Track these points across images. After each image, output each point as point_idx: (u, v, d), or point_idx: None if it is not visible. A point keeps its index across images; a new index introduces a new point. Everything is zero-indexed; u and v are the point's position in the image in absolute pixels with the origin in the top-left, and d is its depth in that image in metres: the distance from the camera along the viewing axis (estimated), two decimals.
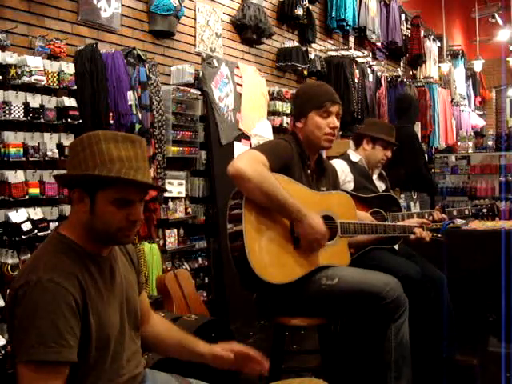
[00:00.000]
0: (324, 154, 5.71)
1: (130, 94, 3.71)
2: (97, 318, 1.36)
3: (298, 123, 2.36)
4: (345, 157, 3.18)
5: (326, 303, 2.22)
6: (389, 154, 3.20)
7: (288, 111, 5.71)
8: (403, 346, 2.38)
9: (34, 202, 3.22)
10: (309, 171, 2.34)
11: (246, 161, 2.05)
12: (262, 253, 2.08)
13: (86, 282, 1.36)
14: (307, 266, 2.19)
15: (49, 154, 3.25)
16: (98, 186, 1.37)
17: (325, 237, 2.15)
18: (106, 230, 1.40)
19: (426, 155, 5.25)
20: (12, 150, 3.08)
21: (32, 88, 3.19)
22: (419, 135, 5.28)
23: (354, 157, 3.16)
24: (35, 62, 3.17)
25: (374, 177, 3.20)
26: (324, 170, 2.44)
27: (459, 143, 7.52)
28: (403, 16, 8.68)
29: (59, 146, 3.32)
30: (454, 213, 2.98)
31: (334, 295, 2.19)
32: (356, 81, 6.65)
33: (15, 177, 3.11)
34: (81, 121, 3.41)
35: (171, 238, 4.31)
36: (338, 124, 2.35)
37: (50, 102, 3.29)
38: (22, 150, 3.12)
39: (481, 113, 12.88)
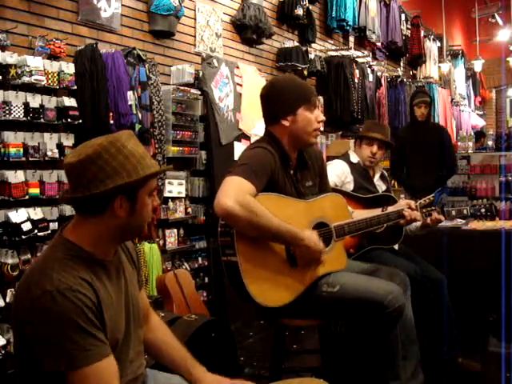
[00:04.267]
0: (324, 153, 5.72)
1: (130, 94, 3.72)
2: (109, 321, 1.38)
3: (283, 121, 2.21)
4: (345, 157, 3.18)
5: (326, 309, 2.21)
6: (374, 149, 3.10)
7: None
8: (408, 326, 2.37)
9: (33, 201, 3.22)
10: (292, 171, 2.26)
11: (232, 196, 1.93)
12: (261, 281, 2.05)
13: (98, 287, 1.37)
14: (306, 281, 2.17)
15: (49, 154, 3.25)
16: (139, 185, 1.42)
17: (321, 255, 2.13)
18: (142, 223, 1.48)
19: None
20: (12, 150, 3.08)
21: (32, 88, 3.19)
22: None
23: (354, 158, 3.16)
24: (35, 62, 3.17)
25: (376, 178, 3.20)
26: (305, 161, 2.34)
27: (459, 143, 7.50)
28: (403, 16, 8.68)
29: (59, 145, 3.32)
30: (453, 213, 2.97)
31: (334, 302, 2.18)
32: (356, 81, 6.65)
33: (15, 177, 3.11)
34: (81, 121, 3.41)
35: (171, 238, 4.31)
36: (323, 117, 2.29)
37: (50, 102, 3.29)
38: (21, 149, 3.12)
39: (481, 113, 12.88)
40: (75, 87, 3.40)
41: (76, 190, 1.39)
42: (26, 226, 3.10)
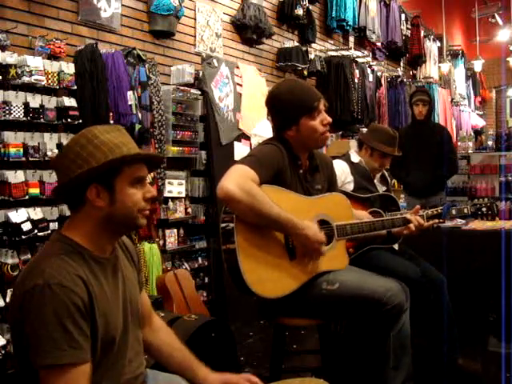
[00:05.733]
0: (324, 152, 5.71)
1: (130, 94, 3.72)
2: (103, 319, 1.37)
3: (288, 132, 2.24)
4: (346, 157, 3.16)
5: (326, 307, 2.21)
6: (386, 163, 3.12)
7: None
8: (403, 335, 2.36)
9: (33, 201, 3.23)
10: (301, 171, 2.28)
11: (234, 181, 1.96)
12: (258, 270, 2.05)
13: (92, 283, 1.36)
14: (305, 276, 2.17)
15: (49, 154, 3.25)
16: (113, 172, 1.39)
17: (323, 244, 2.12)
18: (129, 214, 1.42)
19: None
20: (12, 150, 3.08)
21: (32, 88, 3.20)
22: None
23: (355, 158, 3.14)
24: (35, 62, 3.17)
25: (376, 178, 3.19)
26: (317, 165, 2.36)
27: (459, 143, 7.50)
28: (403, 16, 8.68)
29: (59, 146, 3.32)
30: (453, 212, 2.97)
31: (334, 300, 2.17)
32: (356, 81, 6.65)
33: (15, 177, 3.11)
34: (81, 121, 3.41)
35: (171, 238, 4.31)
36: (330, 119, 2.28)
37: (50, 102, 3.29)
38: (21, 150, 3.12)
39: (481, 113, 12.88)
40: (75, 87, 3.41)
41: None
42: (26, 226, 3.10)
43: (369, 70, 7.10)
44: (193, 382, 1.62)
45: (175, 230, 4.36)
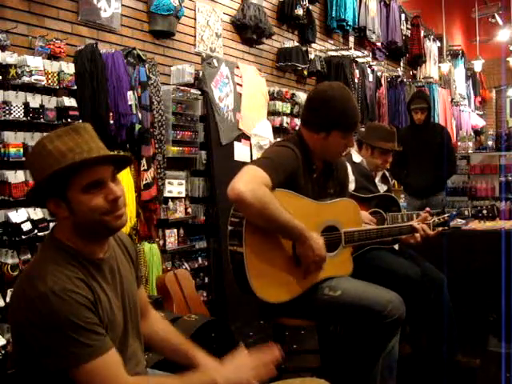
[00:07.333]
0: None
1: (130, 94, 3.71)
2: (106, 319, 1.38)
3: (315, 135, 2.20)
4: (347, 157, 3.16)
5: (325, 312, 2.20)
6: (388, 158, 3.11)
7: (288, 111, 5.71)
8: (391, 357, 2.34)
9: None
10: (315, 175, 2.25)
11: (247, 183, 1.93)
12: (264, 276, 2.05)
13: (93, 285, 1.37)
14: (309, 282, 2.16)
15: None
16: (63, 183, 1.35)
17: (324, 260, 2.11)
18: (91, 220, 1.36)
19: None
20: (12, 150, 3.08)
21: (32, 88, 3.19)
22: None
23: (356, 157, 3.14)
24: (35, 62, 3.17)
25: (377, 178, 3.19)
26: (333, 169, 2.35)
27: (459, 143, 7.50)
28: (403, 16, 8.69)
29: None
30: (454, 213, 2.97)
31: (335, 306, 2.17)
32: (356, 81, 6.66)
33: (15, 177, 3.11)
34: (81, 121, 3.41)
35: (171, 238, 4.31)
36: (353, 144, 2.29)
37: (50, 102, 3.29)
38: (21, 149, 3.12)
39: (481, 113, 12.88)
40: (75, 87, 3.41)
41: None
42: (26, 226, 3.10)
43: (369, 70, 7.10)
44: (190, 363, 1.60)
45: (175, 230, 4.36)
